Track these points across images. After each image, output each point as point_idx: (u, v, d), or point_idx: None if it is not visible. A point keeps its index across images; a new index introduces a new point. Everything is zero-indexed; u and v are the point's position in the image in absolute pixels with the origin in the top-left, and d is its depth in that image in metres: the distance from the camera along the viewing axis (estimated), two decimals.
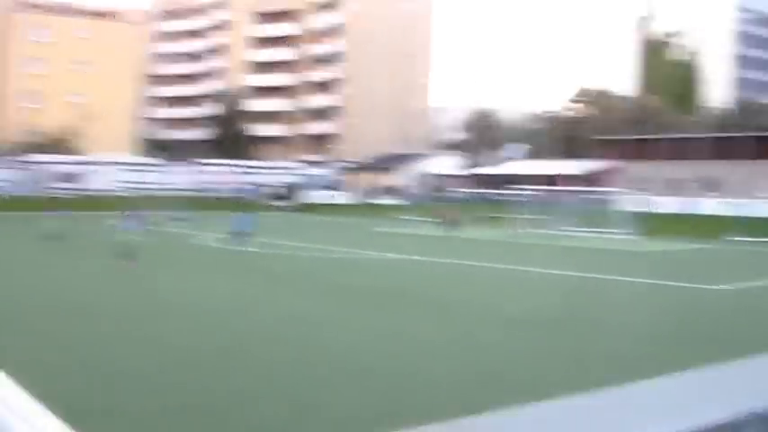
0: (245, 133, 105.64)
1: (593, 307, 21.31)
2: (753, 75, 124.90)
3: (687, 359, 13.81)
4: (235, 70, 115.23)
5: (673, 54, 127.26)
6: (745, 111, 70.64)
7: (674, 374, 3.52)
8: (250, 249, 35.15)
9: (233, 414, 10.45)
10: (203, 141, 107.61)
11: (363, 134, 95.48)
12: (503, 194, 67.25)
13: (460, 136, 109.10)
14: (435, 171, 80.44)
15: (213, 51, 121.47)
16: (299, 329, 16.77)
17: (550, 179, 68.18)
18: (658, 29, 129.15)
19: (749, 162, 56.85)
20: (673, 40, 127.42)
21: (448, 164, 79.83)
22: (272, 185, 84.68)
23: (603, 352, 15.07)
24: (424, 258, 33.15)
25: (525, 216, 54.30)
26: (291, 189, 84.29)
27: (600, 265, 32.05)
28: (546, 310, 20.34)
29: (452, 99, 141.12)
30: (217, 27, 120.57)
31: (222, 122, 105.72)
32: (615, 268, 30.80)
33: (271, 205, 63.54)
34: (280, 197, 76.85)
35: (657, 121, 65.25)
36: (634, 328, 17.53)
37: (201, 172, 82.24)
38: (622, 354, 14.72)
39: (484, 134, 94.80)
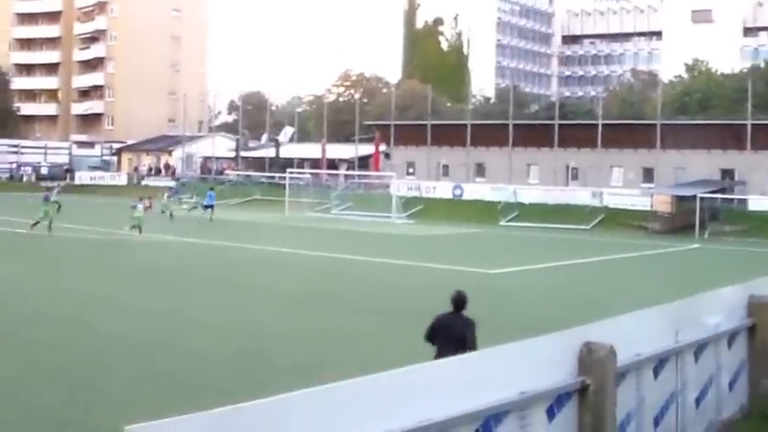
0: (13, 111, 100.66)
1: (371, 290, 21.88)
2: (513, 63, 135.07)
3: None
4: None
5: (440, 42, 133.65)
6: (504, 98, 76.43)
7: (441, 361, 4.71)
8: (18, 231, 34.35)
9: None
10: None
11: (134, 115, 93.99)
12: (274, 177, 69.25)
13: (232, 119, 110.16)
14: (207, 153, 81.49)
15: None
16: (71, 311, 16.98)
17: (320, 162, 70.99)
18: (426, 17, 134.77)
19: (507, 149, 62.14)
20: (440, 29, 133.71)
21: (220, 146, 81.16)
22: (38, 165, 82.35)
23: (368, 332, 16.12)
24: (199, 241, 34.12)
25: (297, 199, 56.33)
26: (58, 169, 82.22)
27: (375, 249, 32.84)
28: (316, 291, 21.01)
29: (229, 83, 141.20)
30: None
31: None
32: (390, 252, 31.91)
33: (37, 186, 61.87)
34: (45, 177, 74.98)
35: (425, 107, 69.32)
36: (400, 310, 18.27)
37: None
38: (383, 337, 15.77)
39: (253, 117, 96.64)
